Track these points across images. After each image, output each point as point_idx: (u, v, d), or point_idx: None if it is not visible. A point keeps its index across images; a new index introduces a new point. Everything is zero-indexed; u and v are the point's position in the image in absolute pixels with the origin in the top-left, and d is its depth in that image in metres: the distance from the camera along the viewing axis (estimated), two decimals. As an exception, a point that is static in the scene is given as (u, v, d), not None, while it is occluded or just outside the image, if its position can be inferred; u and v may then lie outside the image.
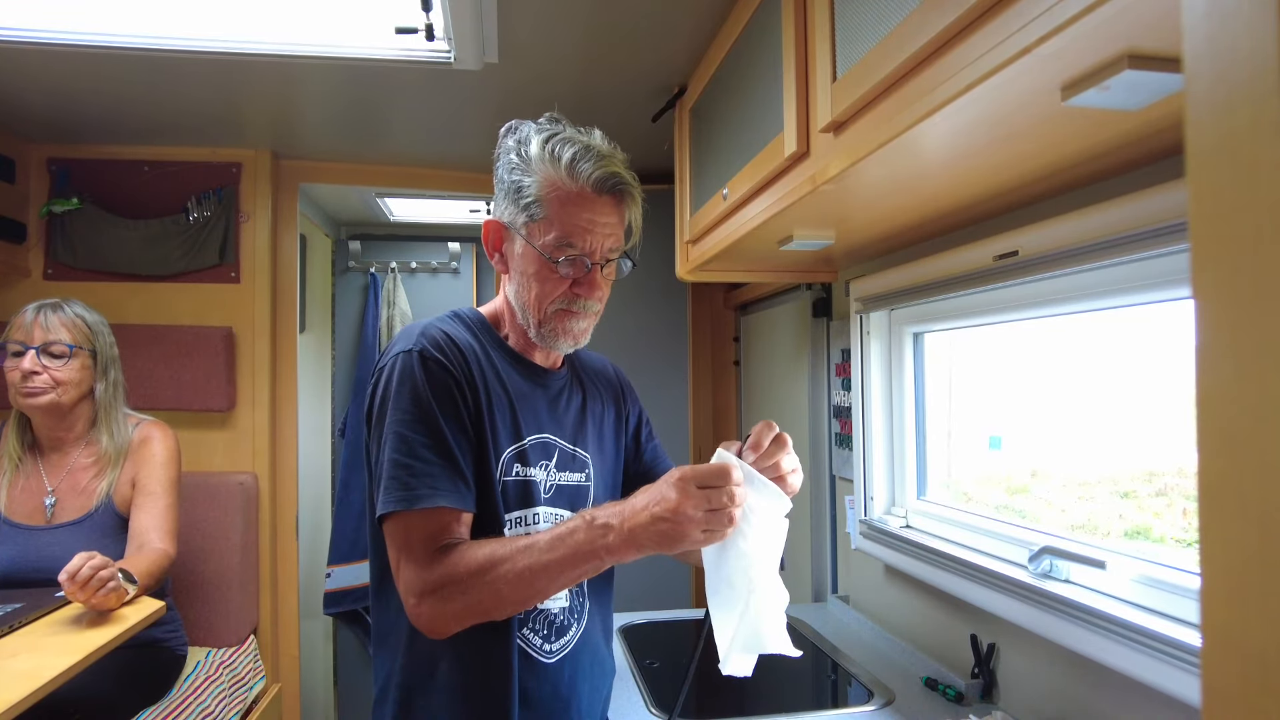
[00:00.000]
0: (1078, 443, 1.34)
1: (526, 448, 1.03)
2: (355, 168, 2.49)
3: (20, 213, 2.25)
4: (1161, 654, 0.89)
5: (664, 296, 2.48)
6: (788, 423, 2.11)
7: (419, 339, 0.98)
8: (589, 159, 0.98)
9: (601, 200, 1.00)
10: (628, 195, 1.02)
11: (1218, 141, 0.31)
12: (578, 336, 1.05)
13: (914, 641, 1.49)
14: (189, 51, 1.60)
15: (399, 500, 0.91)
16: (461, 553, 0.90)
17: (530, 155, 0.99)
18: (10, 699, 1.11)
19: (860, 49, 0.89)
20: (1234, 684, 0.30)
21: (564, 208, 0.98)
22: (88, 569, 1.41)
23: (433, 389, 0.94)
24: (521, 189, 1.00)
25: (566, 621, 1.06)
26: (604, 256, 1.02)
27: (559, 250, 0.99)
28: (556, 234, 0.98)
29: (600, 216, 0.99)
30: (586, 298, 1.02)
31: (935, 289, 1.35)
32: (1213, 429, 0.31)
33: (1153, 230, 0.89)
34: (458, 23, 1.45)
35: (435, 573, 0.89)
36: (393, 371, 0.96)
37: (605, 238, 1.01)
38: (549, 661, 1.03)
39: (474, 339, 1.04)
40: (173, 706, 1.76)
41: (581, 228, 0.98)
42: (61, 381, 1.72)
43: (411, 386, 0.94)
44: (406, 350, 0.97)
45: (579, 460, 1.10)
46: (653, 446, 1.26)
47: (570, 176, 0.98)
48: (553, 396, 1.10)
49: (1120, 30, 0.59)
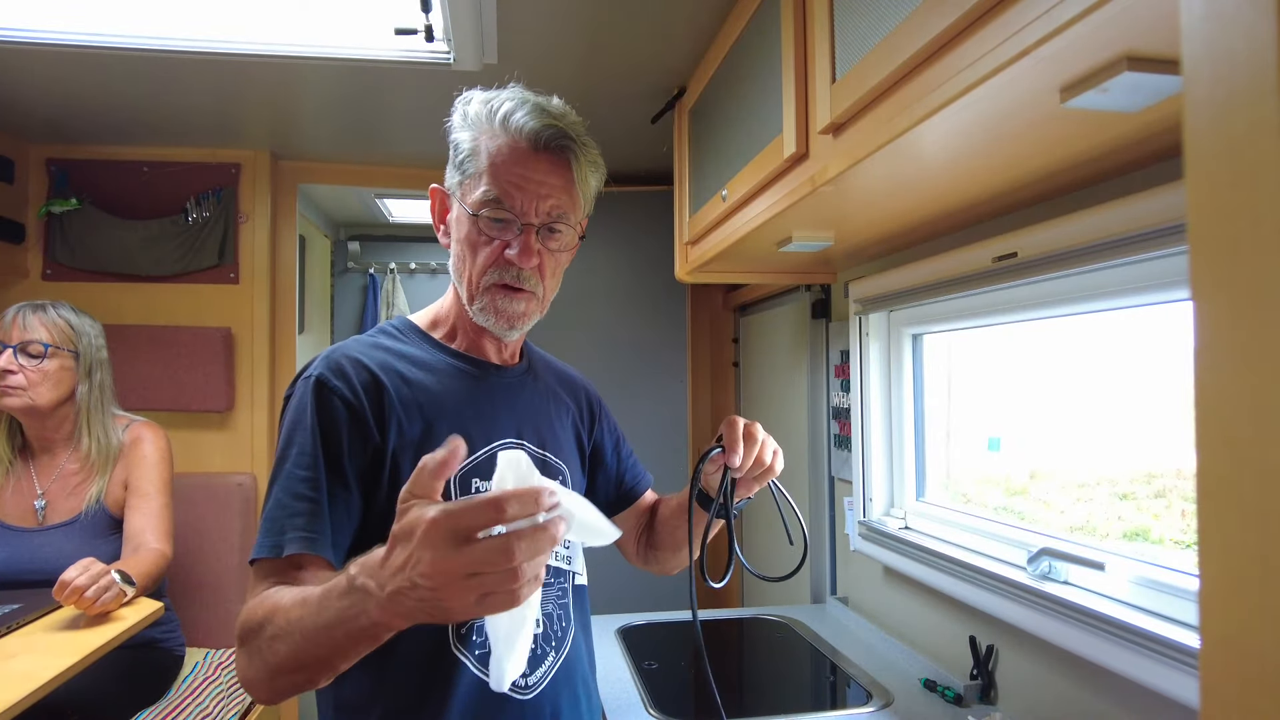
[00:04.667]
0: (1076, 444, 1.34)
1: (482, 459, 0.91)
2: (354, 168, 2.49)
3: (19, 213, 2.25)
4: (1160, 655, 0.88)
5: (663, 297, 2.48)
6: (786, 424, 2.11)
7: (321, 364, 0.87)
8: (526, 110, 0.88)
9: (539, 156, 0.88)
10: (570, 153, 0.90)
11: (1216, 143, 0.31)
12: (513, 319, 0.92)
13: (913, 643, 1.49)
14: (189, 52, 1.60)
15: (271, 548, 0.79)
16: (263, 599, 0.74)
17: (469, 113, 0.90)
18: (8, 700, 1.11)
19: (859, 50, 0.89)
20: (1232, 686, 0.30)
21: (495, 162, 0.88)
22: (86, 578, 1.41)
23: (319, 419, 0.84)
24: (459, 148, 0.91)
25: (542, 650, 0.93)
26: (542, 220, 0.90)
27: (484, 205, 0.88)
28: (483, 189, 0.87)
29: (535, 174, 0.88)
30: (520, 266, 0.89)
31: (934, 290, 1.35)
32: (1212, 431, 0.31)
33: (1152, 232, 0.89)
34: (457, 24, 1.45)
35: (241, 618, 0.75)
36: (290, 399, 0.88)
37: (541, 199, 0.88)
38: (525, 698, 0.89)
39: (396, 355, 0.92)
40: (171, 707, 1.76)
41: (513, 183, 0.87)
42: (36, 382, 1.71)
43: (297, 417, 0.85)
44: (305, 376, 0.87)
45: (552, 466, 1.00)
46: (632, 463, 1.19)
47: (503, 129, 0.88)
48: (511, 396, 0.99)
49: (1119, 32, 0.59)
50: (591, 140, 0.93)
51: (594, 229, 2.79)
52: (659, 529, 1.16)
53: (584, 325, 2.44)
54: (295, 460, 0.83)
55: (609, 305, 2.47)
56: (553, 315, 1.00)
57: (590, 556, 1.06)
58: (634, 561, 1.23)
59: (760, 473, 0.96)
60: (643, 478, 1.21)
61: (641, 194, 2.43)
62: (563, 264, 0.97)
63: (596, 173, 0.94)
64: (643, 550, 1.20)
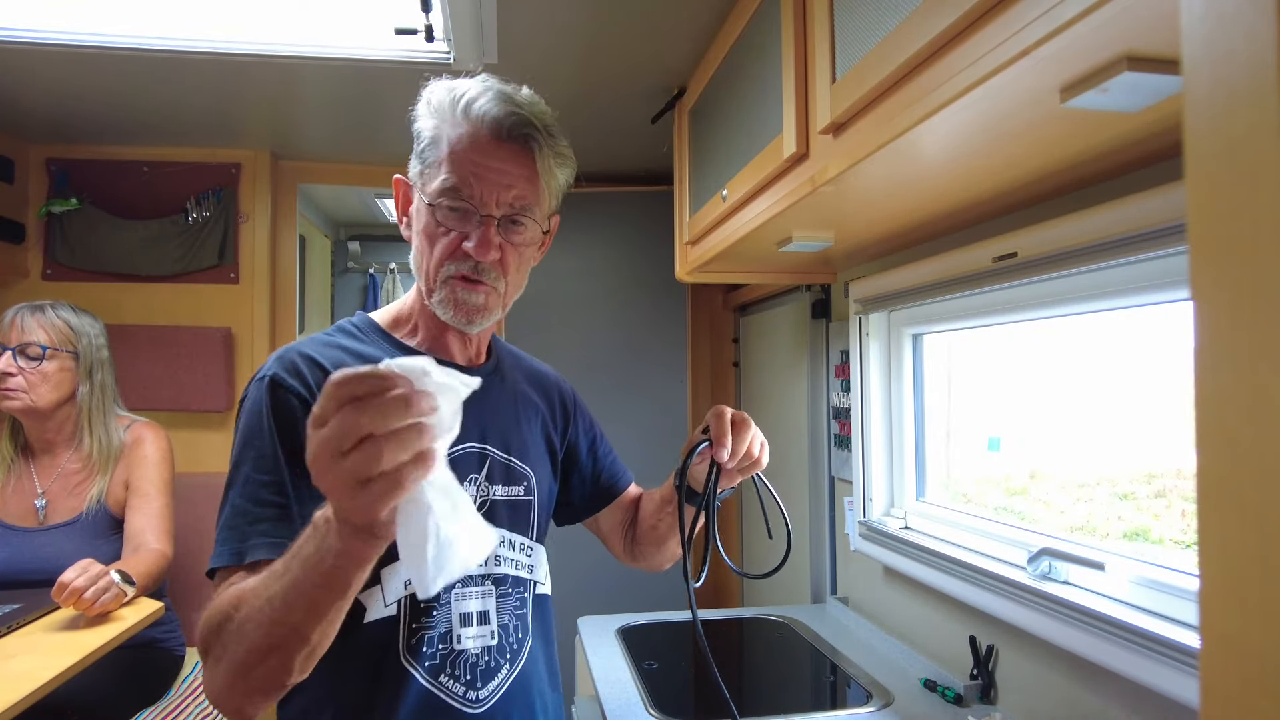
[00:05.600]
0: (1076, 444, 1.34)
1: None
2: (354, 168, 2.50)
3: (19, 213, 2.25)
4: (1160, 656, 0.88)
5: (663, 297, 2.49)
6: (786, 424, 2.11)
7: (274, 363, 0.85)
8: (489, 98, 0.85)
9: (500, 145, 0.85)
10: (534, 142, 0.86)
11: (1216, 143, 0.31)
12: (471, 313, 0.89)
13: (913, 643, 1.49)
14: (188, 52, 1.60)
15: (232, 554, 0.77)
16: (219, 599, 0.73)
17: (433, 100, 0.87)
18: (8, 700, 1.11)
19: (860, 50, 0.89)
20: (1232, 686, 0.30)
21: (453, 149, 0.85)
22: (85, 580, 1.41)
23: (275, 418, 0.81)
24: (420, 138, 0.88)
25: (494, 662, 0.91)
26: (503, 212, 0.87)
27: (442, 195, 0.85)
28: (442, 178, 0.85)
29: (495, 162, 0.85)
30: (478, 259, 0.86)
31: (934, 290, 1.35)
32: (1212, 430, 0.31)
33: (1152, 232, 0.89)
34: (457, 23, 1.45)
35: (201, 624, 0.72)
36: (244, 400, 0.85)
37: (502, 189, 0.85)
38: (475, 711, 0.88)
39: (351, 353, 0.89)
40: (171, 707, 1.76)
41: (472, 172, 0.84)
42: (35, 384, 1.71)
43: (251, 419, 0.82)
44: (259, 378, 0.84)
45: (516, 471, 0.97)
46: (611, 460, 1.17)
47: (464, 116, 0.85)
48: (474, 398, 0.94)
49: (1119, 32, 0.59)
50: (561, 133, 0.90)
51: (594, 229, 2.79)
52: (641, 525, 1.15)
53: (584, 325, 2.44)
54: (254, 464, 0.80)
55: (609, 305, 2.47)
56: (552, 315, 0.98)
57: (586, 557, 1.05)
58: (623, 560, 1.21)
59: (747, 465, 0.94)
60: (622, 475, 1.18)
61: (641, 194, 2.43)
62: (527, 259, 0.93)
63: (564, 166, 0.91)
64: (629, 547, 1.19)
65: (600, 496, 1.16)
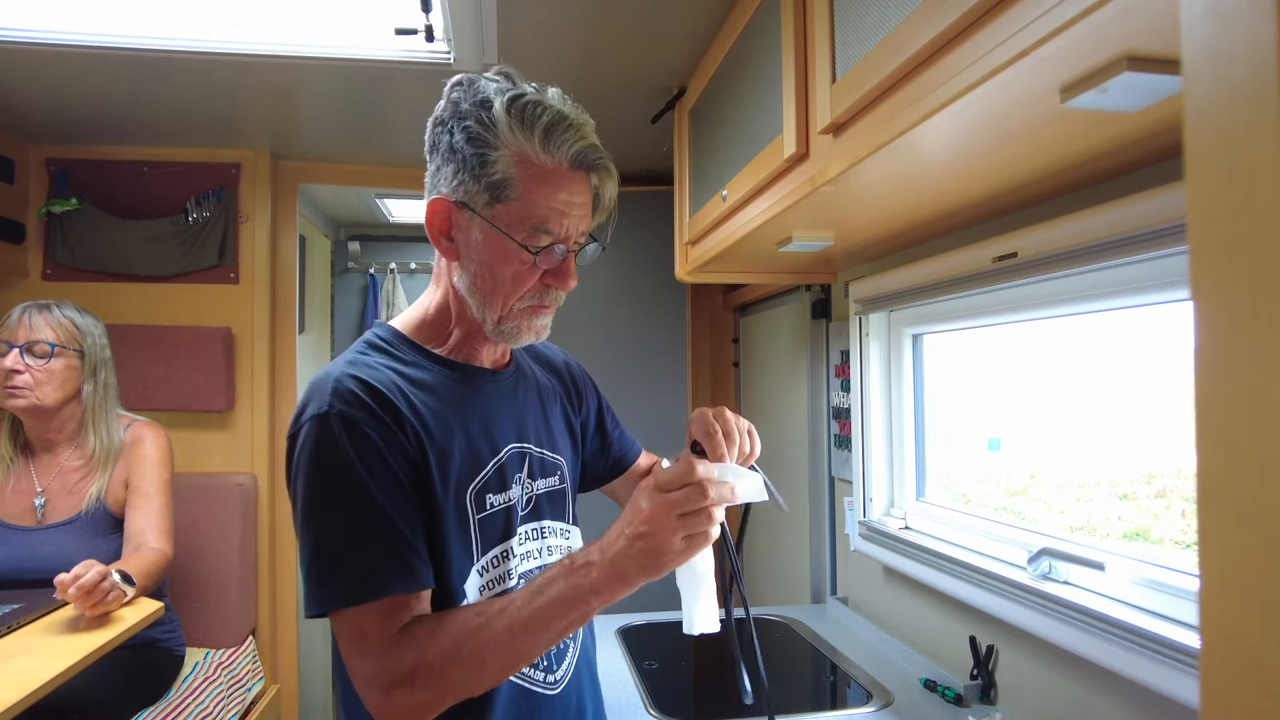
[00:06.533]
0: (1076, 444, 1.34)
1: (491, 473, 0.90)
2: (354, 168, 2.50)
3: (19, 213, 2.25)
4: (1160, 656, 0.89)
5: (663, 297, 2.48)
6: (787, 424, 2.11)
7: (330, 399, 0.81)
8: (565, 129, 0.83)
9: (581, 178, 0.86)
10: (603, 170, 0.87)
11: (1216, 143, 0.31)
12: (539, 332, 0.92)
13: (913, 643, 1.49)
14: (189, 52, 1.60)
15: (342, 597, 0.78)
16: (430, 632, 0.78)
17: (495, 121, 0.82)
18: (8, 700, 1.11)
19: (860, 50, 0.89)
20: (1232, 686, 0.30)
21: (539, 188, 0.83)
22: (91, 577, 1.41)
23: (359, 455, 0.79)
24: (486, 163, 0.82)
25: (563, 644, 0.95)
26: (577, 242, 0.88)
27: (535, 238, 0.84)
28: (532, 219, 0.83)
29: (576, 196, 0.86)
30: (560, 288, 0.89)
31: (934, 290, 1.35)
32: (1211, 430, 0.31)
33: (1152, 232, 0.89)
34: (457, 24, 1.45)
35: (401, 661, 0.76)
36: (307, 441, 0.80)
37: (580, 220, 0.87)
38: (554, 693, 0.92)
39: (395, 371, 0.87)
40: (171, 707, 1.76)
41: (559, 210, 0.84)
42: (42, 382, 1.71)
43: (331, 458, 0.79)
44: (318, 414, 0.80)
45: (549, 463, 1.00)
46: (619, 434, 1.18)
47: (545, 151, 0.83)
48: (507, 400, 0.96)
49: (1119, 32, 0.59)
50: None
51: (594, 229, 2.74)
52: None
53: (584, 325, 2.44)
54: (345, 502, 0.79)
55: (609, 305, 2.47)
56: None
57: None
58: None
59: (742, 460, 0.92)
60: (631, 446, 1.19)
61: (641, 194, 2.43)
62: None
63: (614, 179, 0.90)
64: None
65: (614, 468, 1.17)
